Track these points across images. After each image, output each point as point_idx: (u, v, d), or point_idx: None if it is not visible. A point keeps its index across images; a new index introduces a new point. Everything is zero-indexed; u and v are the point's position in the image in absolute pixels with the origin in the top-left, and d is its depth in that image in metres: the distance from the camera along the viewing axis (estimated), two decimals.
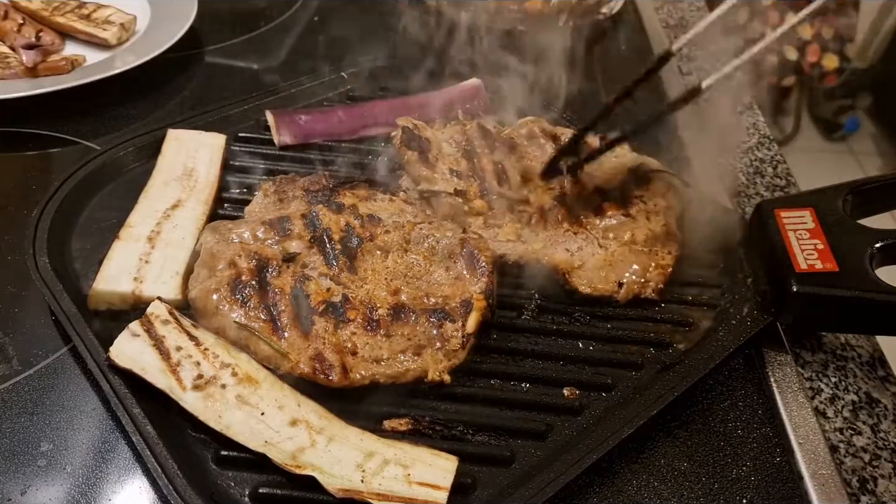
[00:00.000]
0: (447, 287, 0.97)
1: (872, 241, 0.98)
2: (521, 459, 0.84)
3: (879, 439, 0.93)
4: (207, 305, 0.90)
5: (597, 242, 1.07)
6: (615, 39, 1.76)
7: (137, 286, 0.96)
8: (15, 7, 1.57)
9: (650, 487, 0.83)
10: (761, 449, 0.88)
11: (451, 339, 0.91)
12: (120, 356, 0.85)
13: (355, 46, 1.63)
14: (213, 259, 0.95)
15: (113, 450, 0.84)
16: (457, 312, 0.93)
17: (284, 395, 0.84)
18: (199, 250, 0.99)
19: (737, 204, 1.29)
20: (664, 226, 1.08)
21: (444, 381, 0.89)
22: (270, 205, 1.08)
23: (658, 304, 1.03)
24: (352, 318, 0.91)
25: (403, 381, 0.88)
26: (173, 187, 1.11)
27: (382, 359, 0.89)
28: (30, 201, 1.13)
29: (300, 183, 1.11)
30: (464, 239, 1.01)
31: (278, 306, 0.90)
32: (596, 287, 1.02)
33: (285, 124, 1.28)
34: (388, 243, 1.00)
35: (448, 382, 0.89)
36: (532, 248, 1.06)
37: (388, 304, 0.93)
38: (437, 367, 0.89)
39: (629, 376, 0.93)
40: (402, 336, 0.91)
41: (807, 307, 0.96)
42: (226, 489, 0.79)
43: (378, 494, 0.75)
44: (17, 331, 0.97)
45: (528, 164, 1.18)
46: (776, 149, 1.44)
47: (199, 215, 1.07)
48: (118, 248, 1.01)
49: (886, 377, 1.01)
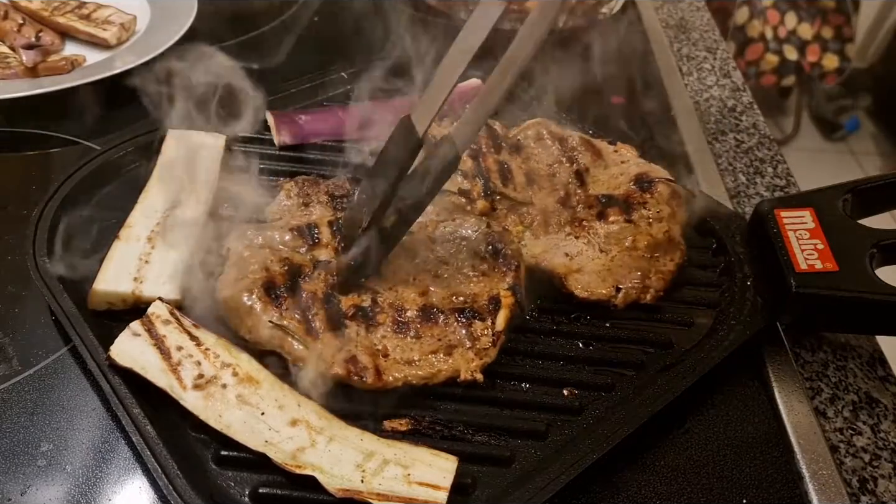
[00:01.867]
0: (474, 285, 0.97)
1: (872, 241, 0.98)
2: (521, 459, 0.84)
3: (879, 439, 0.93)
4: (240, 306, 0.91)
5: (598, 247, 1.07)
6: (615, 39, 1.76)
7: (137, 286, 0.96)
8: (15, 7, 1.57)
9: (650, 487, 0.83)
10: (761, 449, 0.88)
11: (481, 337, 0.91)
12: (120, 355, 0.85)
13: (355, 46, 1.63)
14: (244, 262, 0.95)
15: (113, 450, 0.84)
16: (485, 310, 0.93)
17: (285, 395, 0.84)
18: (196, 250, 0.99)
19: (737, 204, 1.29)
20: (666, 232, 1.07)
21: (477, 381, 0.88)
22: (294, 207, 1.08)
23: (658, 304, 1.03)
24: (382, 321, 0.92)
25: (436, 382, 0.88)
26: (173, 187, 1.11)
27: (414, 360, 0.89)
28: (30, 201, 1.12)
29: (323, 187, 1.11)
30: (488, 234, 1.01)
31: (311, 309, 0.90)
32: (593, 291, 1.01)
33: (285, 124, 1.28)
34: (413, 244, 1.00)
35: (481, 381, 0.89)
36: (532, 252, 1.06)
37: (416, 306, 0.94)
38: (469, 367, 0.89)
39: (629, 376, 0.93)
40: (433, 337, 0.91)
41: (807, 307, 0.96)
42: (226, 489, 0.79)
43: (378, 494, 0.75)
44: (17, 331, 0.97)
45: (533, 166, 1.18)
46: (776, 149, 1.44)
47: (199, 215, 1.07)
48: (118, 248, 1.01)
49: (886, 377, 1.01)
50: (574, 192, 1.15)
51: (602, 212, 1.11)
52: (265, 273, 0.93)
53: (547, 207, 1.13)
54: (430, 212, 1.06)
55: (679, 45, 1.79)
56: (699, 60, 1.73)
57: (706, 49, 1.78)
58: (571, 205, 1.13)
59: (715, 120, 1.52)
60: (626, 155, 1.20)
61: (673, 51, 1.75)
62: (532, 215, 1.12)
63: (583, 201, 1.13)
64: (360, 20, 1.75)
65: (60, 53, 1.49)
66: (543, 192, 1.15)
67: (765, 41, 3.65)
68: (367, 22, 1.73)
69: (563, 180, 1.16)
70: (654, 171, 1.15)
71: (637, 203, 1.10)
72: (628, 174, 1.15)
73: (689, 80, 1.65)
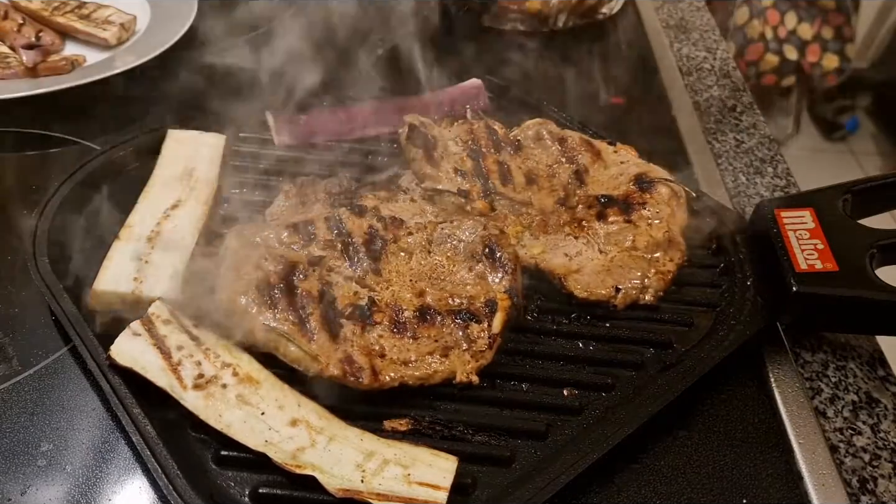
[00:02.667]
0: (471, 287, 0.97)
1: (872, 241, 0.98)
2: (521, 459, 0.83)
3: (879, 439, 0.93)
4: (236, 308, 0.90)
5: (597, 247, 1.07)
6: (615, 39, 1.76)
7: (137, 286, 0.96)
8: (15, 7, 1.57)
9: (650, 487, 0.83)
10: (761, 449, 0.88)
11: (477, 339, 0.91)
12: (120, 355, 0.85)
13: (355, 46, 1.63)
14: (240, 262, 0.95)
15: (113, 450, 0.84)
16: (482, 312, 0.94)
17: (285, 395, 0.84)
18: (196, 251, 0.99)
19: (737, 204, 1.29)
20: (666, 233, 1.07)
21: (473, 383, 0.89)
22: (292, 207, 1.09)
23: (658, 304, 1.03)
24: (378, 320, 0.91)
25: (432, 383, 0.88)
26: (173, 187, 1.11)
27: (410, 361, 0.89)
28: (30, 201, 1.13)
29: (321, 185, 1.11)
30: (485, 237, 1.01)
31: (306, 309, 0.90)
32: (593, 292, 1.01)
33: (285, 124, 1.28)
34: (411, 245, 1.00)
35: (476, 383, 0.89)
36: (531, 253, 1.06)
37: (413, 306, 0.94)
38: (465, 369, 0.89)
39: (629, 376, 0.93)
40: (429, 338, 0.91)
41: (807, 307, 0.96)
42: (226, 489, 0.79)
43: (378, 494, 0.75)
44: (17, 331, 0.97)
45: (532, 166, 1.18)
46: (776, 149, 1.44)
47: (199, 215, 1.07)
48: (118, 248, 1.01)
49: (886, 377, 1.01)
50: (574, 192, 1.14)
51: (602, 212, 1.10)
52: (260, 273, 0.93)
53: (546, 208, 1.13)
54: (428, 212, 1.06)
55: (679, 45, 1.79)
56: (699, 60, 1.73)
57: (706, 49, 1.78)
58: (571, 205, 1.13)
59: (715, 120, 1.52)
60: (625, 155, 1.20)
61: (673, 51, 1.74)
62: (531, 215, 1.12)
63: (582, 201, 1.13)
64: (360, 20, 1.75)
65: (60, 53, 1.49)
66: (543, 192, 1.15)
67: (765, 41, 3.64)
68: (368, 21, 1.74)
69: (563, 180, 1.16)
70: (654, 172, 1.15)
71: (637, 203, 1.10)
72: (628, 174, 1.15)
73: (689, 80, 1.65)
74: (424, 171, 1.15)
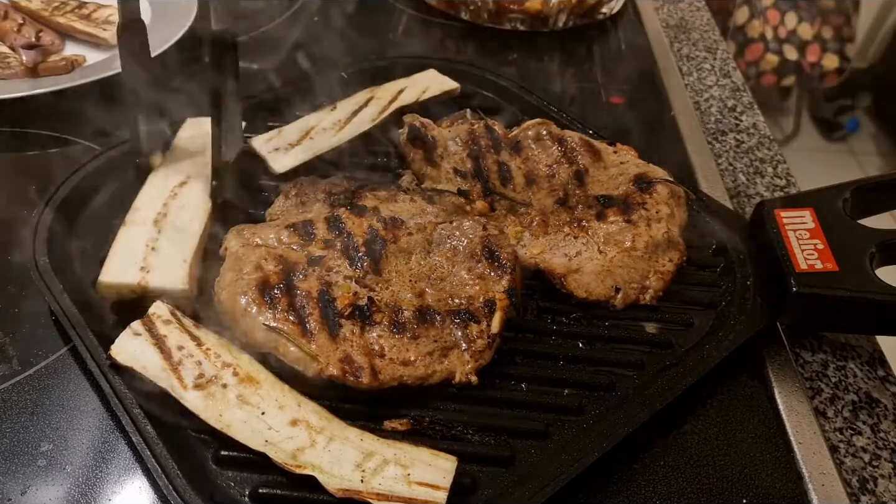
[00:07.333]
0: (470, 287, 0.97)
1: (872, 241, 0.98)
2: (521, 459, 0.84)
3: (879, 439, 0.93)
4: (236, 308, 0.90)
5: (597, 248, 1.07)
6: (615, 39, 1.76)
7: (144, 276, 0.96)
8: (15, 7, 1.57)
9: (650, 487, 0.83)
10: (761, 449, 0.88)
11: (476, 340, 0.92)
12: (121, 354, 0.85)
13: (355, 46, 1.63)
14: (239, 262, 0.95)
15: (113, 450, 0.84)
16: (481, 313, 0.94)
17: (285, 396, 0.84)
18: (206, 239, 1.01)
19: (737, 204, 1.29)
20: (665, 233, 1.07)
21: (472, 383, 0.89)
22: (292, 207, 1.09)
23: (658, 304, 1.03)
24: (378, 320, 0.91)
25: (431, 383, 0.88)
26: (182, 168, 1.12)
27: (410, 361, 0.89)
28: (30, 201, 1.13)
29: (321, 186, 1.11)
30: (484, 237, 1.01)
31: (306, 309, 0.90)
32: (592, 292, 1.01)
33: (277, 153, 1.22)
34: (410, 245, 1.00)
35: (476, 383, 0.89)
36: (531, 253, 1.06)
37: (413, 307, 0.94)
38: (464, 369, 0.89)
39: (629, 376, 0.93)
40: (429, 338, 0.91)
41: (807, 307, 0.96)
42: (226, 489, 0.79)
43: (378, 494, 0.75)
44: (17, 331, 0.97)
45: (532, 167, 1.18)
46: (776, 149, 1.44)
47: (206, 197, 1.07)
48: (124, 235, 1.01)
49: (886, 377, 1.01)
50: (573, 192, 1.14)
51: (601, 212, 1.10)
52: (260, 273, 0.93)
53: (546, 208, 1.13)
54: (428, 213, 1.06)
55: (679, 45, 1.79)
56: (699, 60, 1.73)
57: (706, 49, 1.78)
58: (571, 205, 1.13)
59: (715, 120, 1.52)
60: (625, 155, 1.20)
61: (673, 51, 1.75)
62: (531, 216, 1.12)
63: (582, 202, 1.13)
64: (360, 20, 1.75)
65: (60, 53, 1.49)
66: (543, 192, 1.15)
67: (765, 41, 3.65)
68: (367, 22, 1.74)
69: (563, 181, 1.16)
70: (654, 172, 1.15)
71: (636, 203, 1.10)
72: (627, 175, 1.15)
73: (689, 80, 1.65)
74: (424, 171, 1.15)
